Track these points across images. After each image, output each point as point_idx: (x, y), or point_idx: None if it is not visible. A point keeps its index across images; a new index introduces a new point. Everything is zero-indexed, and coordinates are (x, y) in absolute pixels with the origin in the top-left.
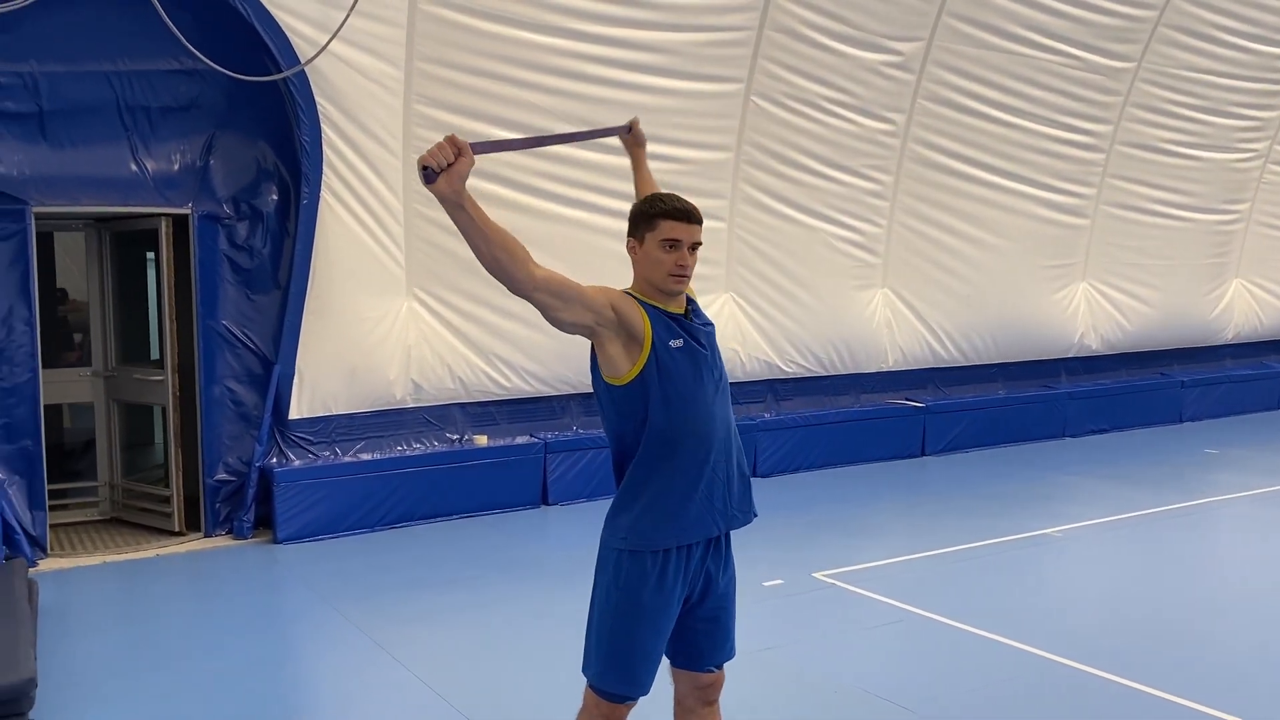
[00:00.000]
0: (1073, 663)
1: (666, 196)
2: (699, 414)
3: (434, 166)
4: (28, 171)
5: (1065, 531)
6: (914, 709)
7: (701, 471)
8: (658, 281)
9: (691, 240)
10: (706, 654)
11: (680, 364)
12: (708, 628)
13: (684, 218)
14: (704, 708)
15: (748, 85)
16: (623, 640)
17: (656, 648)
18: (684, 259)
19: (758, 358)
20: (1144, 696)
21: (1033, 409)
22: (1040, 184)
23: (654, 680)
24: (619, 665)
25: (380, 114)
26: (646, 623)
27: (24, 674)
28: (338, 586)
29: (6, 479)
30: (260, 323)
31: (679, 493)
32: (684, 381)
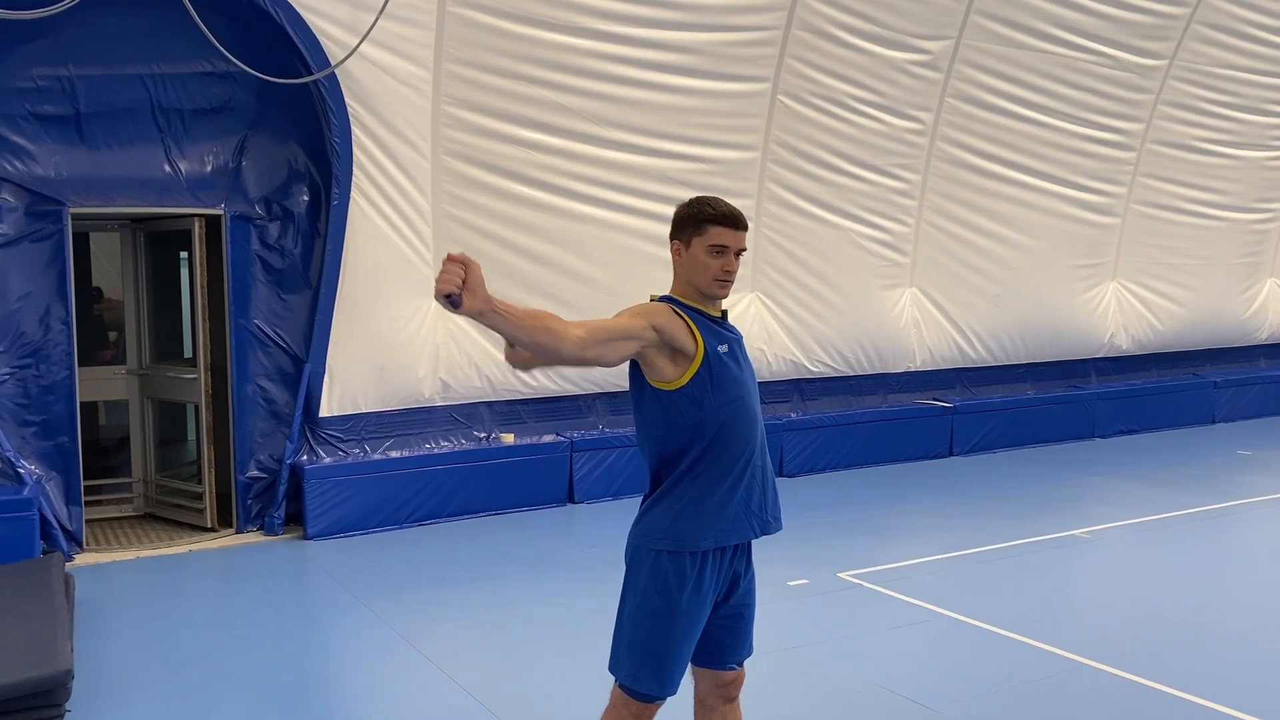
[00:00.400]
0: (1098, 664)
1: (714, 201)
2: (745, 417)
3: (455, 291)
4: (65, 173)
5: (1093, 533)
6: (937, 708)
7: (743, 474)
8: (703, 286)
9: (738, 246)
10: (728, 652)
11: (730, 368)
12: (731, 625)
13: (732, 224)
14: (725, 705)
15: (774, 84)
16: (659, 641)
17: (689, 648)
18: (730, 265)
19: (784, 357)
20: (1169, 699)
21: (1062, 409)
22: (1070, 183)
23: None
24: (654, 666)
25: (409, 115)
26: (683, 624)
27: (61, 666)
28: (366, 582)
29: (44, 475)
30: (291, 322)
31: (721, 495)
32: (733, 385)
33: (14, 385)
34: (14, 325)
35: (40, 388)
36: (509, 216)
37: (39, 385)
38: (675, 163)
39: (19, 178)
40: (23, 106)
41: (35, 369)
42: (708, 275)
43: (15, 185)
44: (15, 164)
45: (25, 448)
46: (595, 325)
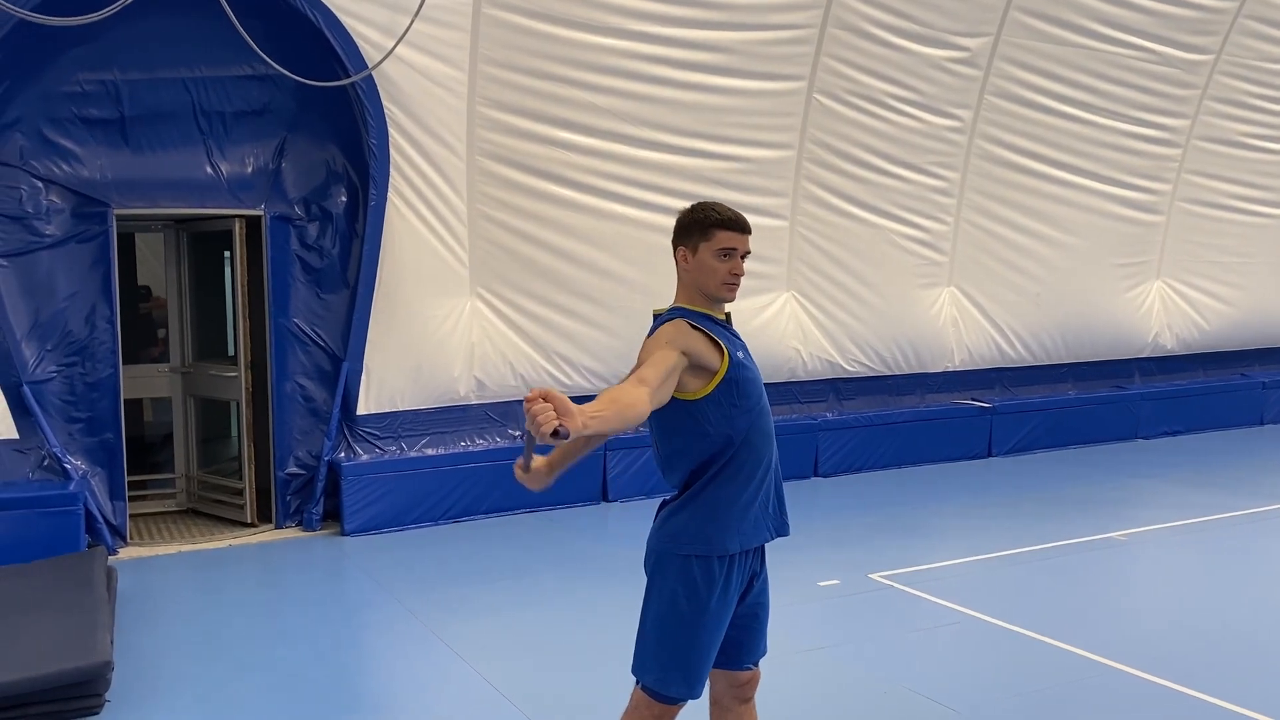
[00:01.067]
0: (1128, 668)
1: (718, 206)
2: (763, 421)
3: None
4: (110, 175)
5: (1131, 535)
6: (961, 711)
7: (763, 479)
8: (712, 290)
9: (745, 249)
10: (745, 652)
11: (749, 374)
12: (747, 625)
13: (738, 227)
14: (740, 705)
15: (810, 83)
16: (687, 644)
17: (715, 650)
18: (738, 268)
19: (820, 357)
20: (1199, 703)
21: (1104, 410)
22: (1113, 180)
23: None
24: (682, 669)
25: (445, 117)
26: (711, 626)
27: (100, 658)
28: (400, 578)
29: (89, 470)
30: (330, 321)
31: (747, 498)
32: (753, 389)
33: (61, 383)
34: (61, 324)
35: (86, 385)
36: (544, 217)
37: (85, 383)
38: (710, 162)
39: (65, 180)
40: (69, 110)
41: (81, 367)
42: (716, 279)
43: (62, 187)
44: (62, 166)
45: (71, 444)
46: (650, 379)
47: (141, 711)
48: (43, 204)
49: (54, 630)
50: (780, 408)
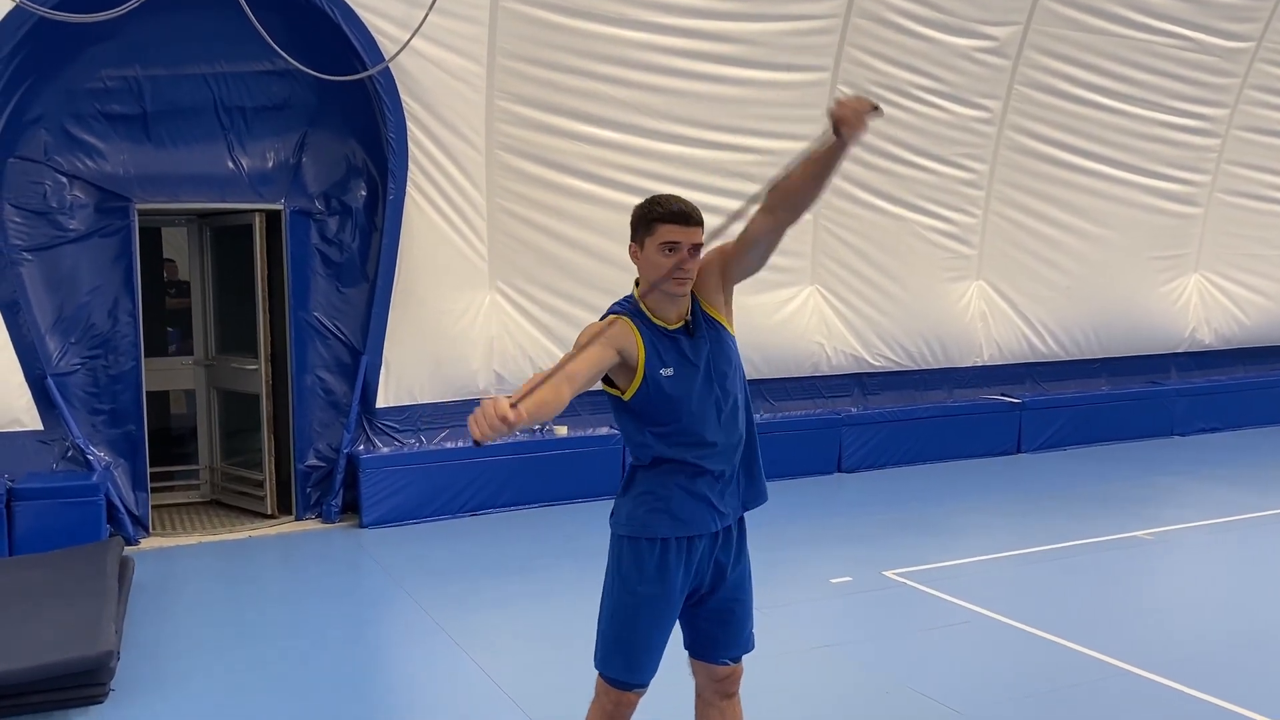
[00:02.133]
0: (1141, 670)
1: (665, 199)
2: (691, 433)
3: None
4: (132, 170)
5: (1158, 534)
6: (964, 711)
7: (699, 479)
8: (659, 284)
9: (691, 242)
10: (720, 646)
11: (670, 389)
12: (721, 619)
13: (682, 220)
14: (723, 700)
15: (834, 74)
16: (624, 627)
17: (658, 637)
18: (684, 261)
19: (844, 351)
20: (1215, 710)
21: (1138, 406)
22: (1148, 171)
23: (657, 669)
24: (620, 652)
25: (464, 110)
26: (645, 610)
27: (103, 647)
28: (412, 571)
29: (112, 462)
30: (349, 314)
31: (678, 487)
32: (673, 405)
33: (84, 375)
34: (84, 317)
35: (109, 377)
36: (563, 210)
37: (108, 375)
38: (732, 155)
39: (89, 175)
40: (92, 106)
41: (104, 359)
42: (661, 274)
43: (85, 182)
44: (86, 162)
45: (95, 435)
46: (578, 377)
47: (144, 701)
48: (66, 199)
49: (60, 619)
50: (803, 402)
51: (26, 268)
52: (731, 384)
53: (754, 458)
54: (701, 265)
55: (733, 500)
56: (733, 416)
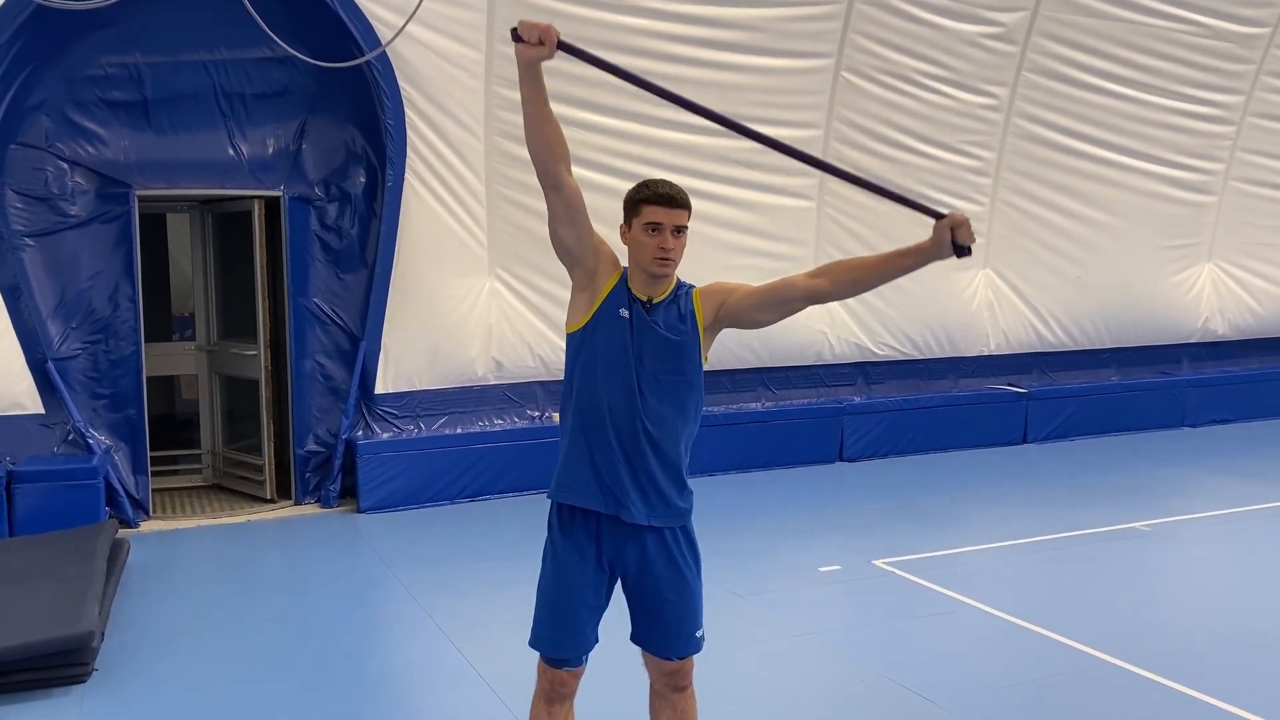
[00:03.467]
0: (1122, 662)
1: (653, 182)
2: (614, 389)
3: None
4: (133, 157)
5: (1155, 526)
6: (939, 703)
7: (600, 445)
8: (644, 265)
9: (673, 224)
10: (655, 641)
11: (615, 334)
12: (651, 616)
13: (666, 202)
14: (673, 694)
15: (837, 61)
16: (543, 593)
17: (578, 610)
18: (666, 242)
19: (847, 340)
20: (1197, 704)
21: (1148, 397)
22: (1160, 159)
23: (583, 649)
24: (539, 619)
25: (462, 97)
26: (558, 576)
27: (84, 628)
28: (405, 556)
29: (113, 445)
30: (348, 300)
31: (579, 454)
32: (610, 351)
33: (85, 360)
34: (85, 303)
35: (109, 362)
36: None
37: (108, 360)
38: (733, 142)
39: (90, 161)
40: (93, 93)
41: (105, 344)
42: (646, 254)
43: (86, 169)
44: (87, 148)
45: (96, 419)
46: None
47: (126, 681)
48: (68, 185)
49: (45, 600)
50: (806, 391)
51: (28, 253)
52: (663, 378)
53: (667, 474)
54: (712, 288)
55: (639, 500)
56: (658, 398)
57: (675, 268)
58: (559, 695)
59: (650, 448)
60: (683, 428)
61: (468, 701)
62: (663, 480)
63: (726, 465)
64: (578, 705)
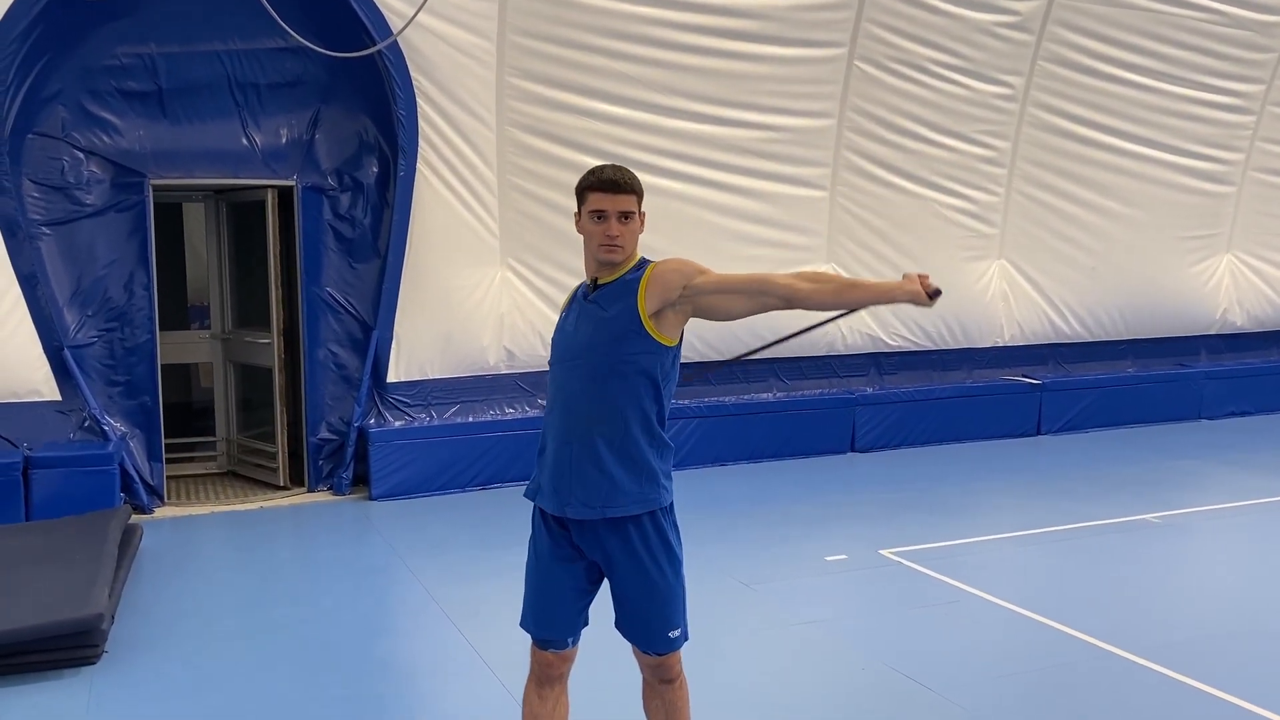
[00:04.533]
0: (1124, 653)
1: (598, 169)
2: (565, 380)
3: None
4: (148, 147)
5: (1166, 518)
6: (939, 691)
7: (552, 441)
8: (594, 252)
9: (618, 210)
10: (633, 636)
11: (564, 326)
12: (624, 611)
13: (610, 188)
14: (660, 684)
15: (850, 50)
16: (526, 575)
17: (548, 592)
18: (611, 229)
19: (859, 330)
20: (1198, 695)
21: (1165, 389)
22: (1178, 149)
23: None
24: (524, 602)
25: (474, 87)
26: (537, 561)
27: (93, 610)
28: (414, 542)
29: (128, 432)
30: (361, 289)
31: (540, 458)
32: (561, 343)
33: (101, 347)
34: (101, 291)
35: (125, 350)
36: (573, 187)
37: (123, 348)
38: (745, 131)
39: (105, 151)
40: (109, 84)
41: (120, 332)
42: (594, 241)
43: (102, 158)
44: (102, 138)
45: (112, 406)
46: None
47: (134, 663)
48: (84, 174)
49: (56, 583)
50: (818, 381)
51: (45, 242)
52: (600, 358)
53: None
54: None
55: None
56: (591, 385)
57: (625, 254)
58: (548, 678)
59: (598, 434)
60: (633, 409)
61: (469, 686)
62: (614, 466)
63: (738, 455)
64: (574, 690)
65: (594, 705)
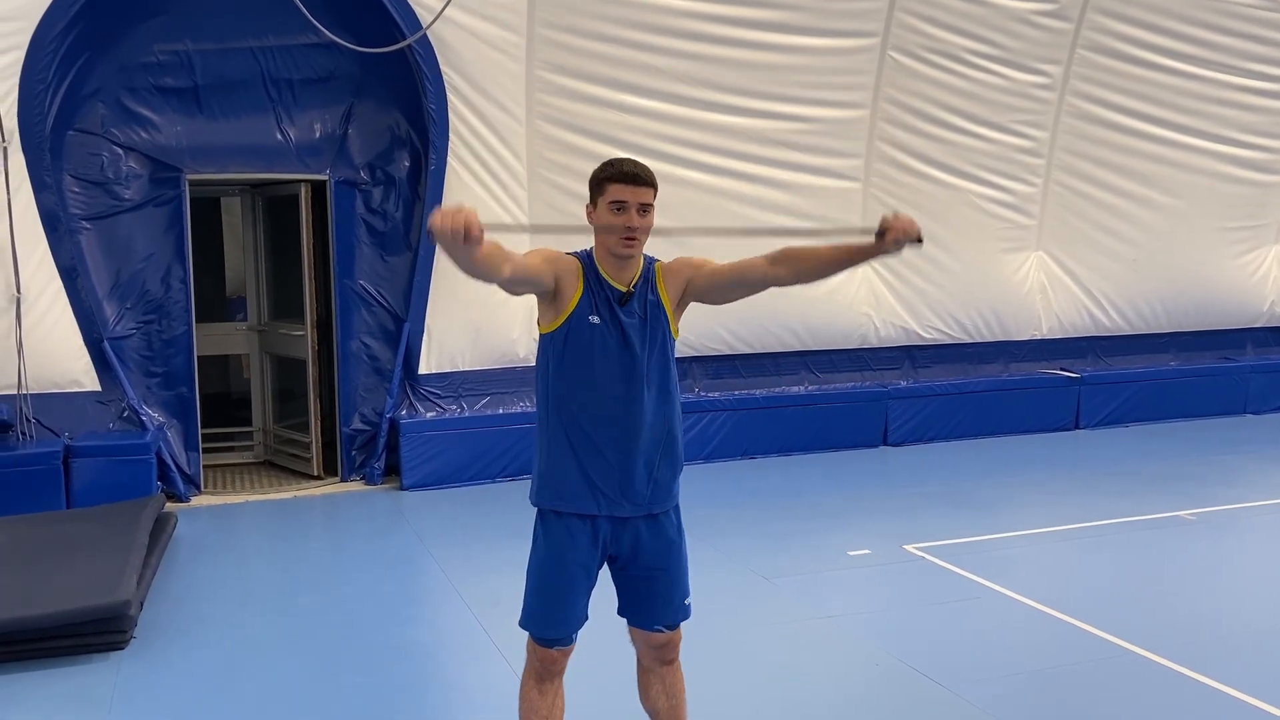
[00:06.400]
0: (1144, 652)
1: (618, 160)
2: (596, 393)
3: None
4: (185, 142)
5: (1201, 515)
6: (952, 688)
7: (590, 450)
8: (610, 245)
9: (639, 202)
10: (647, 613)
11: (590, 339)
12: (644, 587)
13: (631, 180)
14: (662, 667)
15: (884, 39)
16: (531, 584)
17: (572, 598)
18: (631, 220)
19: (893, 323)
20: (1218, 696)
21: (1209, 383)
22: (1222, 138)
23: (573, 629)
24: (532, 608)
25: (504, 81)
26: (550, 559)
27: (120, 597)
28: (441, 532)
29: (166, 423)
30: (393, 282)
31: (564, 464)
32: (587, 356)
33: (140, 339)
34: (139, 284)
35: (162, 342)
36: None
37: (161, 340)
38: (776, 123)
39: (143, 147)
40: (146, 80)
41: (158, 324)
42: (613, 234)
43: (140, 154)
44: (140, 134)
45: (150, 397)
46: (519, 265)
47: (161, 649)
48: (122, 170)
49: (86, 570)
50: (850, 374)
51: (85, 236)
52: (650, 366)
53: (670, 460)
54: (677, 264)
55: (633, 495)
56: (641, 389)
57: (641, 247)
58: (549, 673)
59: (653, 439)
60: (676, 410)
61: (483, 673)
62: (664, 468)
63: (767, 448)
64: (567, 681)
65: (586, 698)
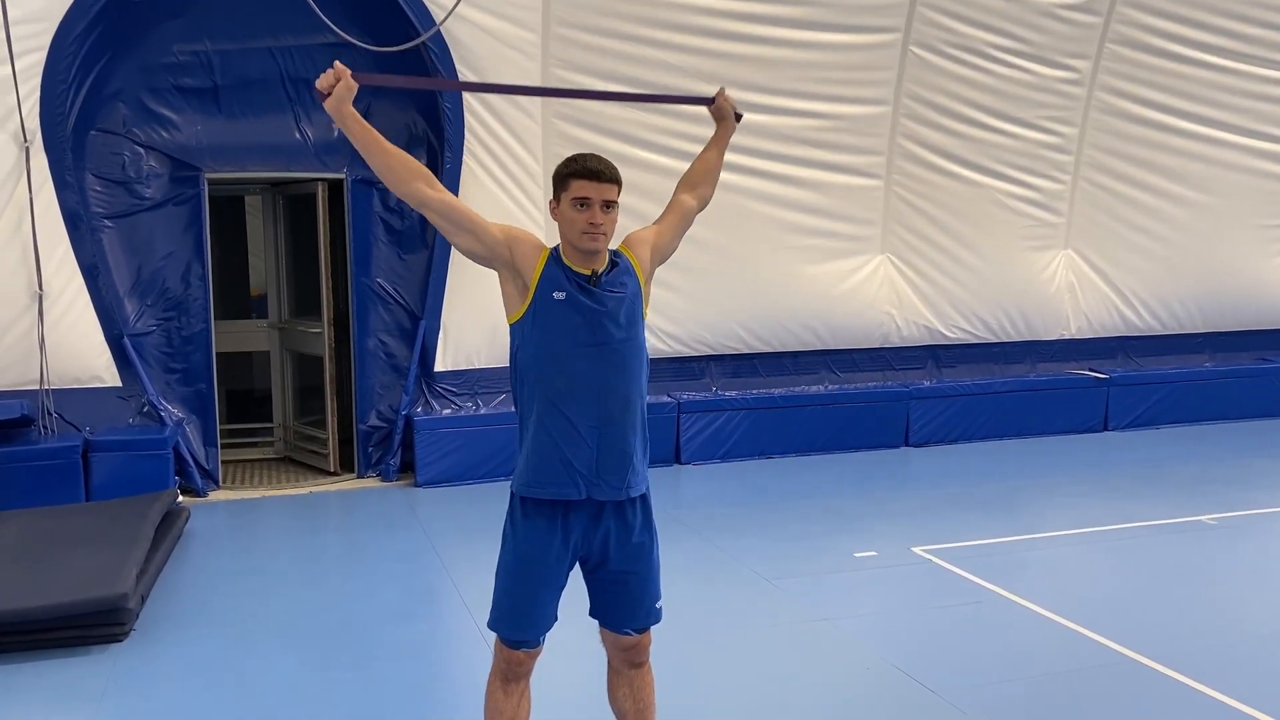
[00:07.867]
0: (1146, 660)
1: (580, 156)
2: (569, 371)
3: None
4: (204, 141)
5: (1223, 519)
6: (942, 694)
7: (565, 430)
8: (574, 240)
9: (601, 198)
10: (616, 615)
11: (558, 316)
12: (615, 590)
13: (594, 176)
14: (631, 669)
15: (905, 35)
16: (501, 581)
17: (542, 597)
18: (595, 217)
19: (916, 322)
20: (1219, 707)
21: (1244, 384)
22: (1257, 133)
23: (541, 630)
24: (500, 607)
25: (518, 79)
26: (520, 561)
27: (118, 590)
28: (448, 530)
29: (185, 418)
30: (409, 280)
31: (544, 446)
32: (557, 335)
33: (159, 336)
34: (159, 281)
35: (182, 339)
36: None
37: (180, 336)
38: (796, 120)
39: (163, 146)
40: (167, 80)
41: (178, 321)
42: (575, 229)
43: (160, 153)
44: (161, 133)
45: (169, 393)
46: (453, 202)
47: (159, 642)
48: (143, 169)
49: (89, 563)
50: (872, 374)
51: (106, 234)
52: (622, 350)
53: (641, 440)
54: (636, 236)
55: (611, 475)
56: (613, 368)
57: (607, 242)
58: (515, 675)
59: (624, 419)
60: (642, 389)
61: (475, 673)
62: (637, 447)
63: (786, 449)
64: (533, 683)
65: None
